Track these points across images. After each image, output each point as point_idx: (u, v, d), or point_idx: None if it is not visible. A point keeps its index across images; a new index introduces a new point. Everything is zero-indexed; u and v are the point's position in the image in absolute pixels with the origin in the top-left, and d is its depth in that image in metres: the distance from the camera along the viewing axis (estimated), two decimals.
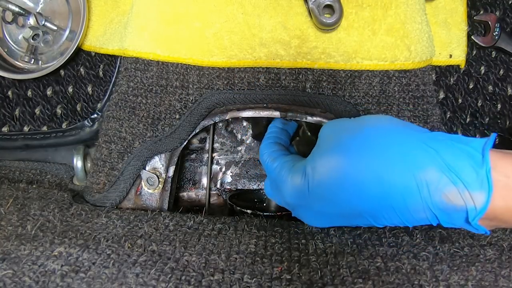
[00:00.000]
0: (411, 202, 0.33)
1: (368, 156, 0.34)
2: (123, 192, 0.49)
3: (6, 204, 0.44)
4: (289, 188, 0.40)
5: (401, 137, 0.35)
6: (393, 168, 0.33)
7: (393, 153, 0.34)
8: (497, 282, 0.32)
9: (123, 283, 0.31)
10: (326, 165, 0.36)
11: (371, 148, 0.35)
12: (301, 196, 0.39)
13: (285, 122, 0.51)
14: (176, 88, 0.49)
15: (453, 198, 0.32)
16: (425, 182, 0.32)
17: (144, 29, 0.49)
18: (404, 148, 0.34)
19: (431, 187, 0.32)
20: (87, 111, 0.54)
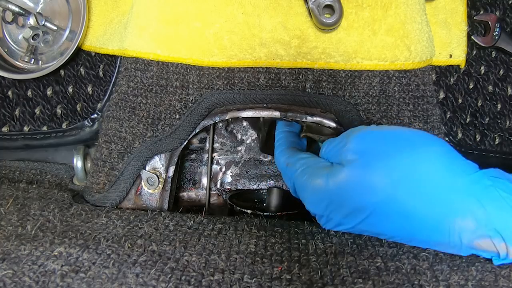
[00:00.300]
0: (437, 239, 0.34)
1: (410, 187, 0.34)
2: (123, 192, 0.49)
3: (6, 204, 0.44)
4: (310, 194, 0.40)
5: (447, 176, 0.34)
6: (429, 206, 0.33)
7: (433, 192, 0.33)
8: (497, 282, 0.32)
9: (123, 283, 0.31)
10: (366, 184, 0.35)
11: (414, 179, 0.34)
12: (324, 204, 0.38)
13: (289, 123, 0.50)
14: (176, 88, 0.49)
15: (486, 245, 0.32)
16: (458, 229, 0.32)
17: (144, 29, 0.49)
18: (446, 190, 0.33)
19: (464, 235, 0.32)
20: (87, 111, 0.54)
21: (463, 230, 0.32)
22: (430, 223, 0.33)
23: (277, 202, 0.58)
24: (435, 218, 0.33)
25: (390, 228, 0.35)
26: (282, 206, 0.57)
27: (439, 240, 0.34)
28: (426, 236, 0.34)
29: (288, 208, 0.56)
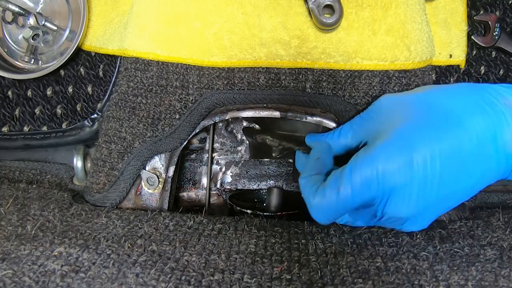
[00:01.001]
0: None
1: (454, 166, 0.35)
2: (123, 192, 0.49)
3: (6, 204, 0.44)
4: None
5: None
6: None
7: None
8: (497, 282, 0.32)
9: (123, 283, 0.31)
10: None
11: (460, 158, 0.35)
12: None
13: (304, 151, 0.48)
14: (176, 88, 0.49)
15: None
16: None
17: (144, 29, 0.49)
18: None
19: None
20: (87, 111, 0.54)
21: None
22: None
23: (277, 202, 0.58)
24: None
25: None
26: (282, 206, 0.57)
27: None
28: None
29: (288, 208, 0.56)
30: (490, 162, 0.35)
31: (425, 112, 0.37)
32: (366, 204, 0.37)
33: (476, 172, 0.35)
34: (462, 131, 0.35)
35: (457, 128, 0.35)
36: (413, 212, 0.36)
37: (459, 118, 0.35)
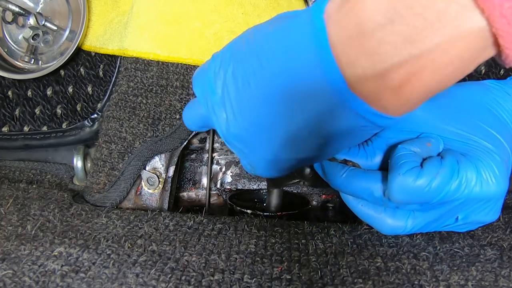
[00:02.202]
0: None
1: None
2: (123, 192, 0.49)
3: (6, 204, 0.44)
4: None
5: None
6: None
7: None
8: (497, 282, 0.32)
9: (123, 283, 0.31)
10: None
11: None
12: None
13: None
14: (177, 88, 0.49)
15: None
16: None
17: (144, 29, 0.49)
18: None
19: None
20: (87, 111, 0.54)
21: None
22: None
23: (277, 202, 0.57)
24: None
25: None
26: (282, 206, 0.57)
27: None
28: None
29: (288, 208, 0.56)
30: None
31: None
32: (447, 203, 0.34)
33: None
34: None
35: None
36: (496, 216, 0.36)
37: None
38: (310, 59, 0.26)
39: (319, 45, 0.25)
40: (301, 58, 0.26)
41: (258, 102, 0.29)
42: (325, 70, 0.26)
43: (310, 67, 0.26)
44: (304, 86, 0.27)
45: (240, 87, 0.30)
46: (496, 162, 0.34)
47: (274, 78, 0.28)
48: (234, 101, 0.30)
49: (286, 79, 0.27)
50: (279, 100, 0.28)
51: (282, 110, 0.29)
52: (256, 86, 0.29)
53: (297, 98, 0.28)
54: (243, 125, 0.31)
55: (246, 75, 0.29)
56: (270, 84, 0.28)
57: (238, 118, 0.31)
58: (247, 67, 0.29)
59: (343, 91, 0.26)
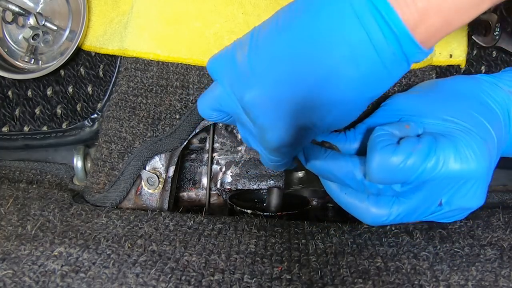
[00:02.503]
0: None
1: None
2: (123, 192, 0.49)
3: (6, 204, 0.44)
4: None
5: None
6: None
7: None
8: (497, 282, 0.32)
9: (123, 283, 0.31)
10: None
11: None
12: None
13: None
14: (177, 88, 0.49)
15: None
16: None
17: (144, 29, 0.49)
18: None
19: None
20: (87, 111, 0.54)
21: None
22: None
23: (277, 202, 0.57)
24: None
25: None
26: (282, 206, 0.57)
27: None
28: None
29: (288, 208, 0.56)
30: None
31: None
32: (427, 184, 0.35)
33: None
34: None
35: None
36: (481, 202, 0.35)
37: None
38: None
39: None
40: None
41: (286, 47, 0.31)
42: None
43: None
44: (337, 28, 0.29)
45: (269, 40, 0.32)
46: (477, 141, 0.34)
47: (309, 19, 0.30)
48: (259, 58, 0.32)
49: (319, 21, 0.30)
50: (306, 44, 0.31)
51: (307, 56, 0.31)
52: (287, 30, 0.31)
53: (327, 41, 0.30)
54: (265, 78, 0.32)
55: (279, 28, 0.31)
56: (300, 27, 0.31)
57: (259, 74, 0.32)
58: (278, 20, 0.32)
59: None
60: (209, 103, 0.38)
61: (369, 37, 0.29)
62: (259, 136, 0.37)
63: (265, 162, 0.42)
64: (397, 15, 0.28)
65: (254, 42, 0.33)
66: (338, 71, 0.30)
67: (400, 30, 0.28)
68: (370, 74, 0.30)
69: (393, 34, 0.28)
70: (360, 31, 0.29)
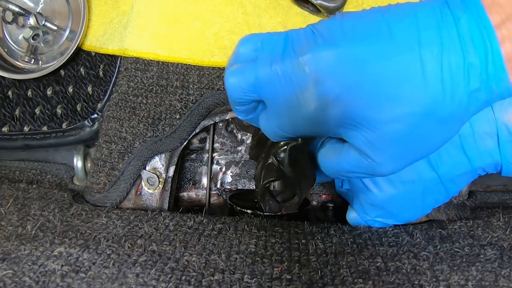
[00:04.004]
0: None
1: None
2: (124, 192, 0.49)
3: (6, 204, 0.44)
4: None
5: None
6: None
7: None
8: (497, 282, 0.32)
9: (123, 283, 0.31)
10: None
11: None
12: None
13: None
14: (177, 88, 0.49)
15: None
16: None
17: (144, 29, 0.49)
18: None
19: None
20: (87, 111, 0.54)
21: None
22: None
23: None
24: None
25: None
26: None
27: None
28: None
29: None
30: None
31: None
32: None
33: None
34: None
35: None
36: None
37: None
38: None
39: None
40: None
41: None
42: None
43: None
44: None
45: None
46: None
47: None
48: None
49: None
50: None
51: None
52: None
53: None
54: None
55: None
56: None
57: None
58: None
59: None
60: (245, 80, 0.33)
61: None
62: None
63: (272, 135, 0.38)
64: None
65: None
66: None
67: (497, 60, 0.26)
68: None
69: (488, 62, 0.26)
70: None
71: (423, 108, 0.27)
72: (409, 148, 0.30)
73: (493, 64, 0.26)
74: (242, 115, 0.38)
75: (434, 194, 0.40)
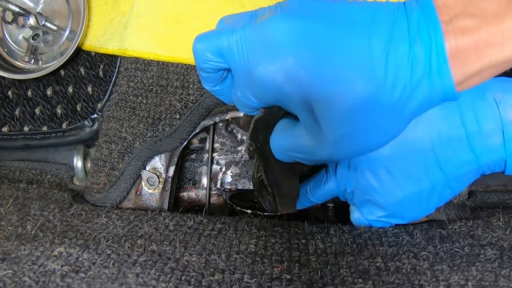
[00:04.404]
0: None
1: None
2: (123, 192, 0.49)
3: (6, 204, 0.44)
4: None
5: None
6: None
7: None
8: (497, 282, 0.32)
9: (123, 283, 0.31)
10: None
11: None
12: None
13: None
14: (177, 88, 0.49)
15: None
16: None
17: (144, 29, 0.49)
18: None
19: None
20: (87, 111, 0.54)
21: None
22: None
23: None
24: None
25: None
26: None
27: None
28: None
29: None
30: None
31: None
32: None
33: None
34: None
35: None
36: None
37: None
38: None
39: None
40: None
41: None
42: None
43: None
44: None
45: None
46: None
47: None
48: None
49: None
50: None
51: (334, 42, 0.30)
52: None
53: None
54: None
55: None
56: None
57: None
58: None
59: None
60: (210, 46, 0.35)
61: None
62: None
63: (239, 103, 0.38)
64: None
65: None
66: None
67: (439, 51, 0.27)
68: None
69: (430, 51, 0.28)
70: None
71: (365, 92, 0.29)
72: (348, 133, 0.31)
73: (436, 56, 0.27)
74: (209, 85, 0.39)
75: (439, 194, 0.41)
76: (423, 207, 0.41)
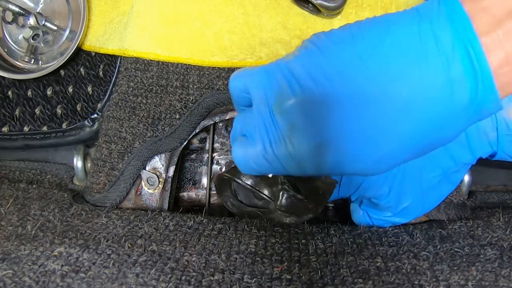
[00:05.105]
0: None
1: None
2: (123, 192, 0.49)
3: (6, 204, 0.44)
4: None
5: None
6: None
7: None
8: (497, 282, 0.32)
9: (123, 283, 0.31)
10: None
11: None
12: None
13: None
14: (177, 88, 0.49)
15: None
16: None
17: (144, 29, 0.49)
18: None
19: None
20: (87, 111, 0.54)
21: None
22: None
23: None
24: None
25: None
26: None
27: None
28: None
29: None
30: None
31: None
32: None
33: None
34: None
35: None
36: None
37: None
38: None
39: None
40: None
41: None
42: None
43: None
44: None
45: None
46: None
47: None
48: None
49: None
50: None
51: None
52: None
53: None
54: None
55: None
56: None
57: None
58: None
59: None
60: (243, 84, 0.33)
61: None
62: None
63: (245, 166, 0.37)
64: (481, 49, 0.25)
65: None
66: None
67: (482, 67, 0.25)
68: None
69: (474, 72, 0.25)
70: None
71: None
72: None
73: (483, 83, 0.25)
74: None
75: (441, 189, 0.42)
76: (426, 204, 0.43)
